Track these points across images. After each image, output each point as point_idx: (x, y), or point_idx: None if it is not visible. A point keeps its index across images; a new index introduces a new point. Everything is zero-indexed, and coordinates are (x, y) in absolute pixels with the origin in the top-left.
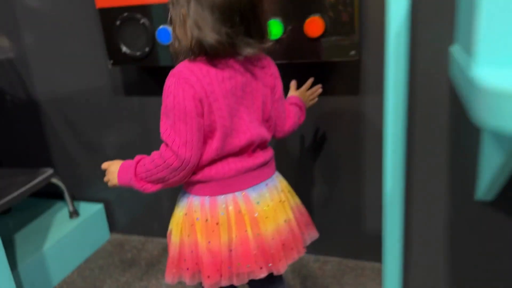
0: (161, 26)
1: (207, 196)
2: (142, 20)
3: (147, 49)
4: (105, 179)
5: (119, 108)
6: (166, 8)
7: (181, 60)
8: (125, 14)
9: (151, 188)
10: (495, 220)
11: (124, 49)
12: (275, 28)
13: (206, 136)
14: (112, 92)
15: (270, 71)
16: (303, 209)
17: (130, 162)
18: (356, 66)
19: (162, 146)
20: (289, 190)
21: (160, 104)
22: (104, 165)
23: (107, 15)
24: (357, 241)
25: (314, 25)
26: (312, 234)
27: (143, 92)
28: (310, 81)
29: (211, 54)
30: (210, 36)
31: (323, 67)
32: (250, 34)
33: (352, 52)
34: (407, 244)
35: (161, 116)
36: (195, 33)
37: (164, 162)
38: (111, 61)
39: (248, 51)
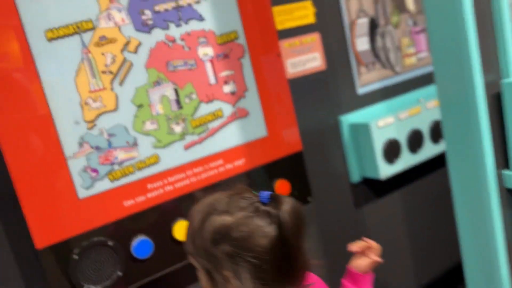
0: (136, 240)
1: None
2: (110, 242)
3: (119, 273)
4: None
5: None
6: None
7: None
8: (85, 242)
9: None
10: None
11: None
12: None
13: None
14: None
15: None
16: None
17: None
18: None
19: None
20: None
21: None
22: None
23: (57, 252)
24: None
25: (283, 187)
26: None
27: None
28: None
29: None
30: None
31: None
32: (284, 283)
33: (309, 198)
34: None
35: None
36: None
37: None
38: None
39: None
